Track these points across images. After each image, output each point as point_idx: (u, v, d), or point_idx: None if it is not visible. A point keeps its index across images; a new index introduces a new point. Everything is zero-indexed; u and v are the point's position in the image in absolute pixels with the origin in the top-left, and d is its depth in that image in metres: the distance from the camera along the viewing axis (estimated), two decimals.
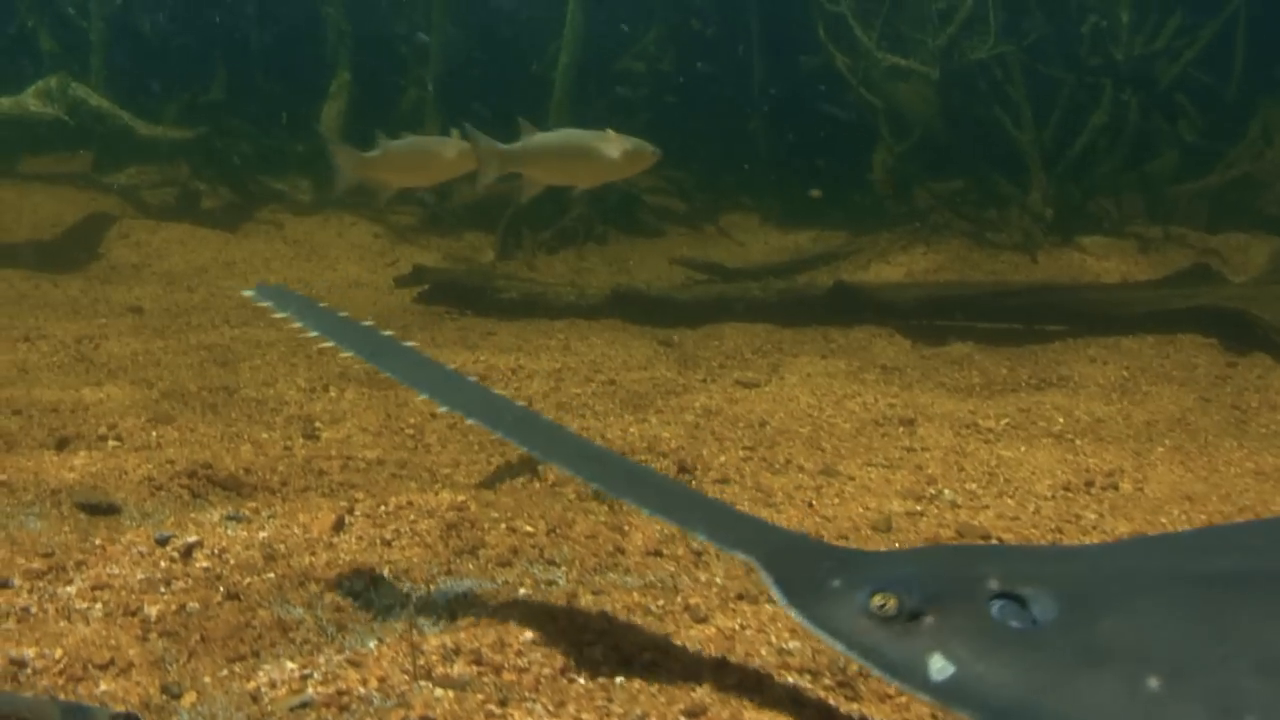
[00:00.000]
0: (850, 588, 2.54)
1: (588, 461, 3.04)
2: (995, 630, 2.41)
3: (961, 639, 2.41)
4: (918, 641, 2.44)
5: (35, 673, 2.99)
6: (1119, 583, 2.47)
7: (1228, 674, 2.22)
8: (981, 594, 2.47)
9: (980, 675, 2.35)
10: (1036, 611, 2.42)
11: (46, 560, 3.65)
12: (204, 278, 10.86)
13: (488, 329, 9.15)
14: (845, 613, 2.51)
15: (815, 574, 2.61)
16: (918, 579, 2.53)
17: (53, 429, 5.73)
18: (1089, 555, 2.71)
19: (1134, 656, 2.29)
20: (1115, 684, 2.26)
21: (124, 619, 3.27)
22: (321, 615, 3.37)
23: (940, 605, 2.47)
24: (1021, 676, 2.33)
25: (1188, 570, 2.51)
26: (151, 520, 4.36)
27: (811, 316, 9.18)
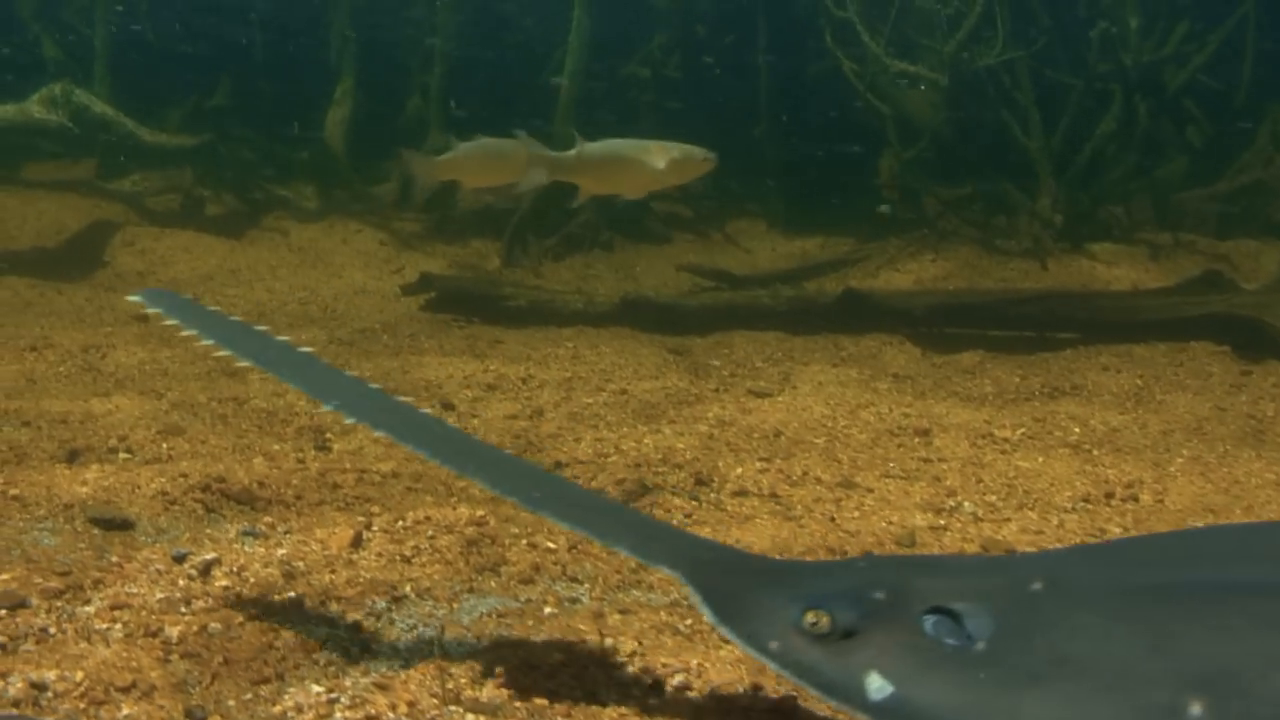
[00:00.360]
0: (781, 604, 2.50)
1: (505, 474, 2.93)
2: (932, 648, 2.39)
3: (898, 657, 2.39)
4: (853, 660, 2.41)
5: (56, 696, 2.93)
6: (1056, 598, 2.44)
7: (1171, 689, 2.20)
8: (915, 610, 2.45)
9: (920, 695, 2.33)
10: (972, 628, 2.40)
11: (63, 579, 3.59)
12: (209, 285, 10.81)
13: (495, 337, 9.10)
14: (777, 630, 2.48)
15: (744, 589, 2.56)
16: (850, 595, 2.50)
17: (63, 441, 5.67)
18: (1022, 568, 2.66)
19: (1075, 674, 2.28)
20: (1058, 703, 2.25)
21: (144, 640, 3.22)
22: (345, 636, 3.32)
23: (874, 622, 2.44)
24: (963, 696, 2.31)
25: (1125, 583, 2.47)
26: (167, 536, 4.31)
27: (821, 324, 9.15)
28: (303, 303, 10.46)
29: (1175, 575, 2.48)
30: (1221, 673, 2.20)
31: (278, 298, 10.57)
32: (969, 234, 11.31)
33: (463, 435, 3.18)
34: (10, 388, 6.87)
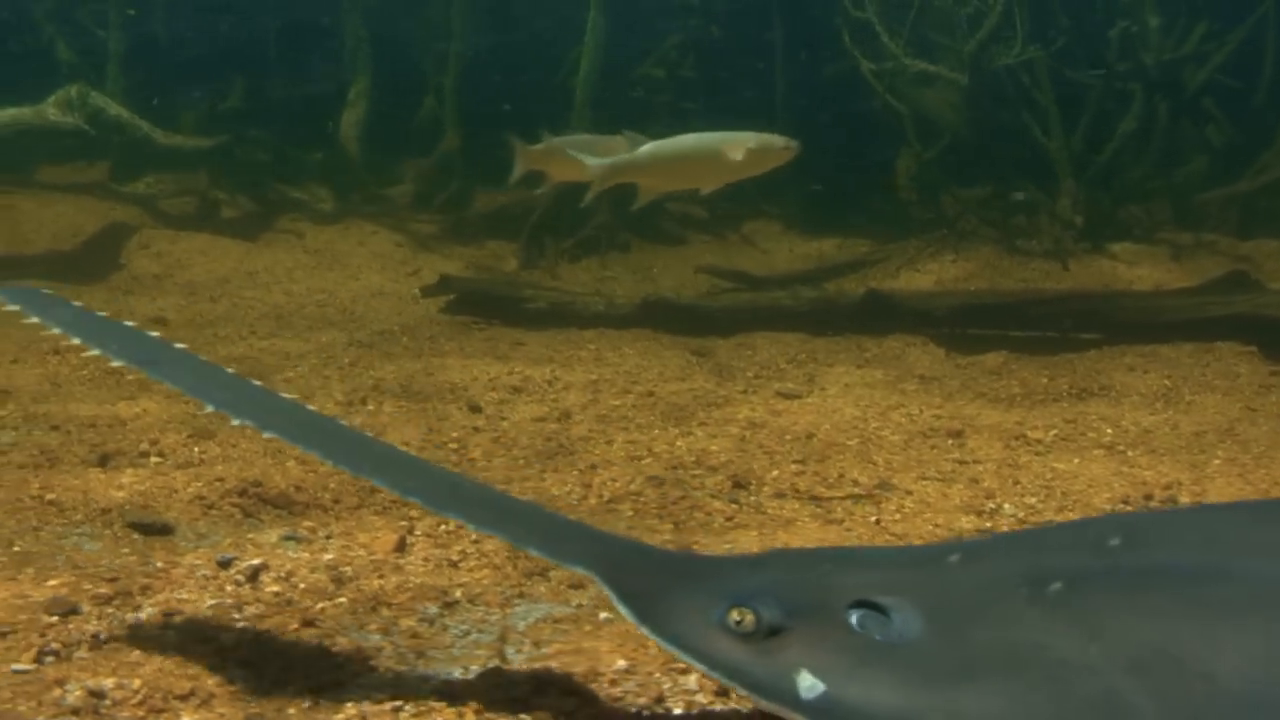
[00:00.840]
0: (703, 602, 2.46)
1: (405, 473, 2.87)
2: (862, 644, 2.36)
3: (828, 655, 2.35)
4: (782, 659, 2.36)
5: (115, 704, 2.90)
6: (984, 590, 2.43)
7: (1105, 678, 2.19)
8: (840, 605, 2.41)
9: (854, 693, 2.30)
10: (899, 622, 2.37)
11: (112, 585, 3.56)
12: (226, 288, 10.78)
13: (516, 339, 9.07)
14: (701, 629, 2.43)
15: (664, 587, 2.51)
16: (772, 591, 2.45)
17: (93, 445, 5.65)
18: (946, 559, 2.61)
19: (1011, 666, 2.26)
20: (997, 695, 2.23)
21: (199, 646, 3.18)
22: (400, 642, 3.28)
23: (800, 619, 2.40)
24: (898, 693, 2.28)
25: (1052, 570, 2.43)
26: (208, 541, 4.28)
27: (844, 325, 9.11)
28: (321, 305, 10.43)
29: (1100, 562, 2.44)
30: (1159, 656, 2.20)
31: (295, 300, 10.54)
32: (988, 234, 11.27)
33: (359, 434, 3.10)
34: (35, 391, 6.84)
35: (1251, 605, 2.26)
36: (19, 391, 6.78)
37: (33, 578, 3.67)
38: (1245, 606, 2.26)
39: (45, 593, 3.52)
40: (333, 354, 8.37)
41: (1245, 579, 2.31)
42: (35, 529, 4.44)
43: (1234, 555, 2.40)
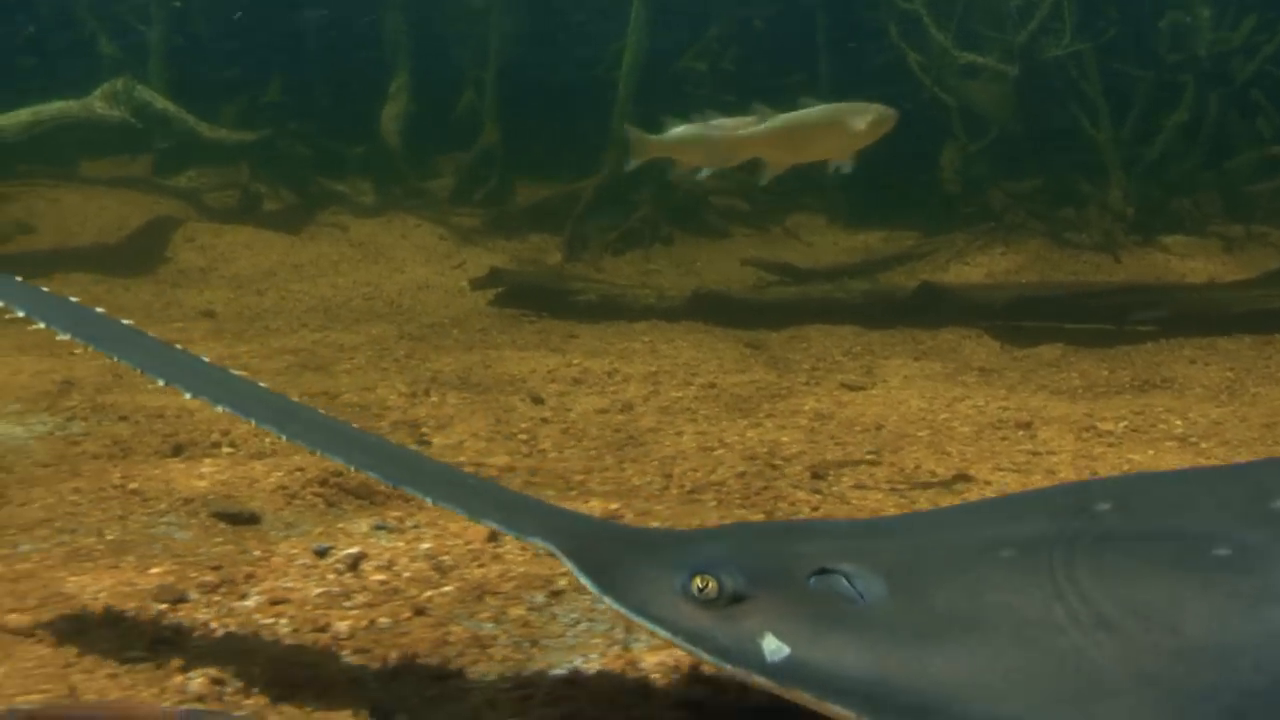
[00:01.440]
0: (665, 572, 2.46)
1: (360, 450, 2.90)
2: (825, 609, 2.36)
3: (792, 619, 2.35)
4: (746, 624, 2.36)
5: (236, 692, 2.88)
6: (944, 555, 2.44)
7: (1070, 635, 2.21)
8: (802, 572, 2.41)
9: (819, 655, 2.29)
10: (860, 588, 2.38)
11: (216, 573, 3.55)
12: (272, 281, 10.78)
13: (568, 332, 9.05)
14: (664, 598, 2.43)
15: (624, 559, 2.51)
16: (734, 560, 2.45)
17: (165, 436, 5.63)
18: (904, 528, 2.67)
19: (974, 624, 2.27)
20: (962, 654, 2.24)
21: (313, 635, 3.16)
22: (512, 631, 3.25)
23: (762, 586, 2.40)
24: (864, 655, 2.28)
25: (1012, 536, 2.45)
26: (297, 530, 4.25)
27: (896, 318, 9.07)
28: (367, 298, 10.43)
29: (1060, 527, 2.45)
30: (1126, 613, 2.22)
31: (342, 293, 10.53)
32: (1037, 227, 11.20)
33: (311, 409, 3.11)
34: (99, 383, 6.83)
35: (1218, 565, 2.28)
36: (82, 383, 6.77)
37: (135, 565, 3.65)
38: (1212, 566, 2.28)
39: (150, 580, 3.50)
40: (386, 346, 8.36)
41: (1209, 539, 2.33)
42: (121, 518, 4.43)
43: (1199, 517, 2.43)
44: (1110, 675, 2.16)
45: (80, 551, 3.92)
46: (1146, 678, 2.15)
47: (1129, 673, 2.16)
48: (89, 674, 2.98)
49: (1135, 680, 2.15)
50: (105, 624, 3.25)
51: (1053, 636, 2.23)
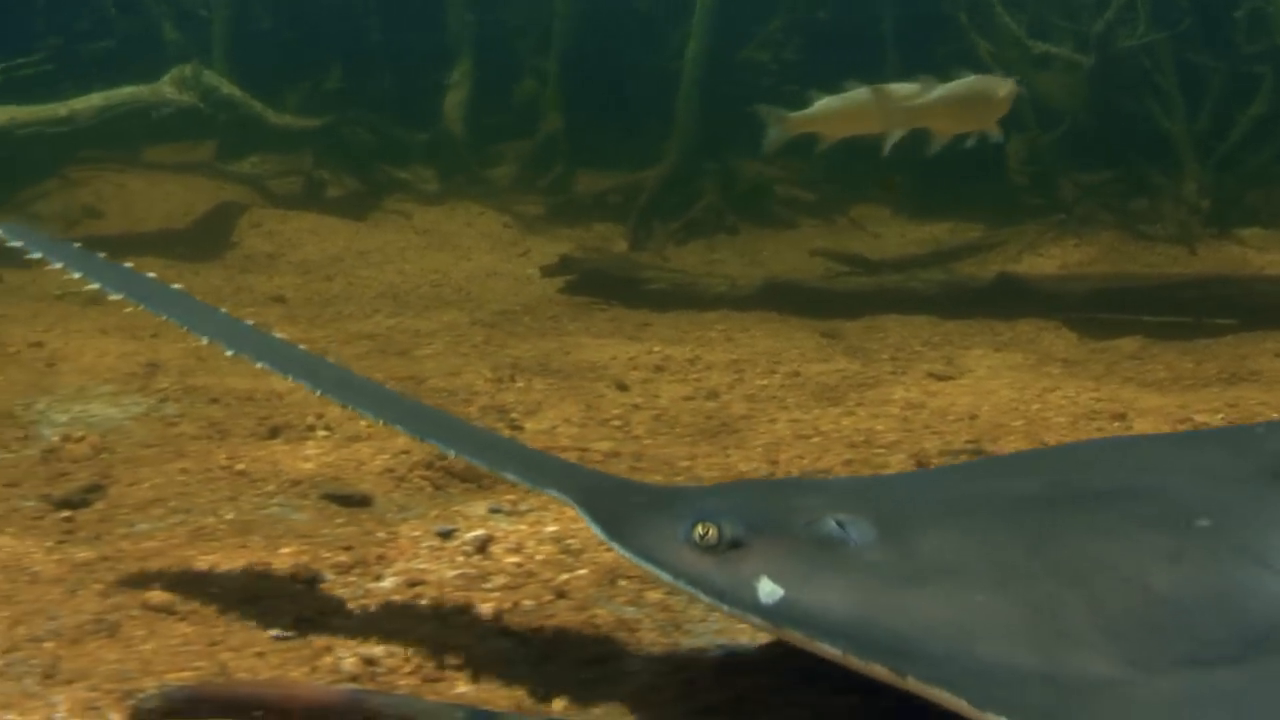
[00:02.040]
0: (669, 520, 2.59)
1: (390, 407, 3.09)
2: (819, 555, 2.49)
3: (787, 563, 2.48)
4: (743, 568, 2.49)
5: (389, 672, 2.86)
6: (935, 506, 2.60)
7: (1045, 585, 2.35)
8: (800, 521, 2.55)
9: (811, 597, 2.42)
10: (854, 535, 2.50)
11: (349, 554, 3.53)
12: (340, 267, 10.77)
13: (641, 320, 9.00)
14: (667, 544, 2.56)
15: (632, 509, 2.65)
16: (735, 510, 2.59)
17: (260, 418, 5.63)
18: (900, 483, 2.88)
19: (956, 573, 2.41)
20: (941, 599, 2.37)
21: (456, 617, 3.13)
22: (654, 614, 3.22)
23: (760, 533, 2.53)
24: (852, 597, 2.40)
25: (1000, 493, 2.63)
26: (412, 513, 4.23)
27: (972, 309, 8.97)
28: (435, 285, 10.40)
29: (1045, 486, 2.63)
30: (1097, 567, 2.36)
31: (410, 280, 10.51)
32: (1109, 219, 11.08)
33: (343, 369, 3.33)
34: (183, 365, 6.83)
35: (1190, 524, 2.42)
36: (167, 365, 6.77)
37: (263, 546, 3.64)
38: (1184, 525, 2.42)
39: (283, 560, 3.48)
40: (462, 332, 8.34)
41: (1185, 500, 2.49)
42: (231, 498, 4.42)
43: (1182, 479, 2.59)
44: (1078, 625, 2.28)
45: (203, 531, 3.91)
46: (1113, 629, 2.27)
47: (1096, 624, 2.28)
48: (236, 652, 2.96)
49: (1102, 631, 2.27)
50: (245, 602, 3.23)
51: (1028, 586, 2.36)
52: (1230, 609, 2.27)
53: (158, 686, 2.72)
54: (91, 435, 5.20)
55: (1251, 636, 2.24)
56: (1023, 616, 2.32)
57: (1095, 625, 2.28)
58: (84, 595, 3.29)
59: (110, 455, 5.01)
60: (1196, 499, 2.48)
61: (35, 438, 5.27)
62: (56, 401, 5.80)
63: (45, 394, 5.91)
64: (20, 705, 2.65)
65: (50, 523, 4.20)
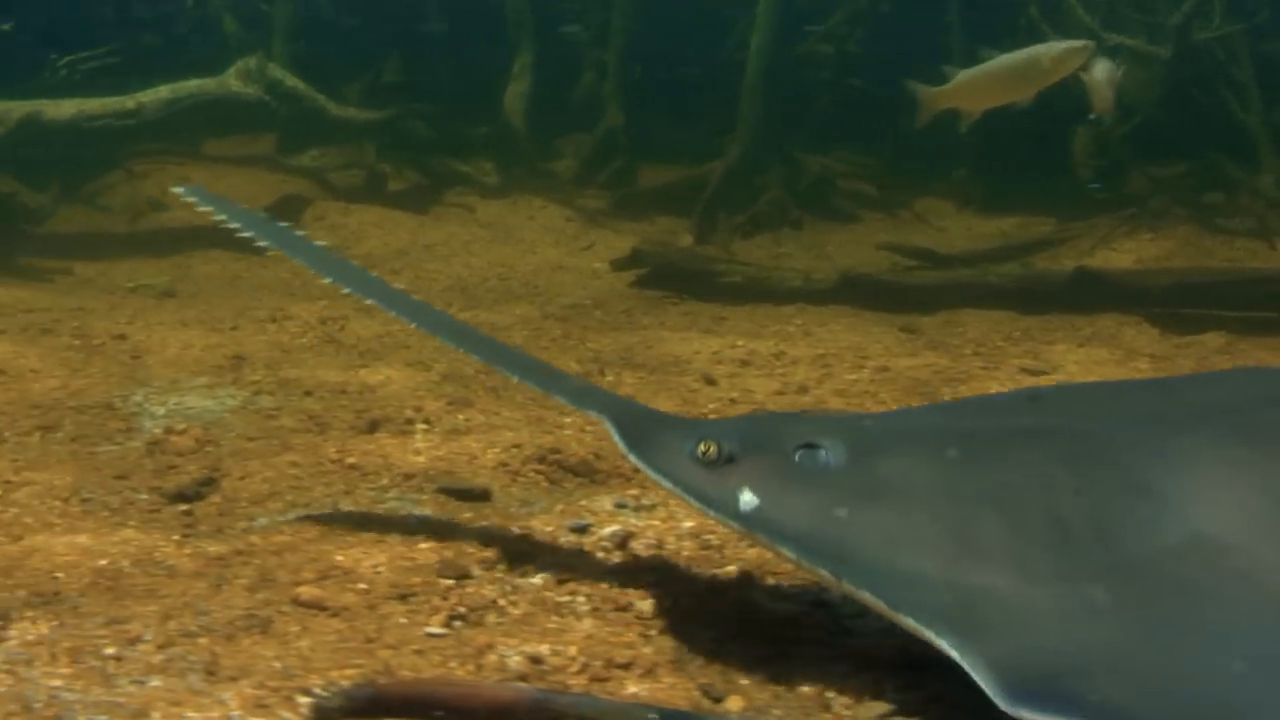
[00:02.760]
0: (680, 439, 2.95)
1: (476, 343, 3.58)
2: (794, 471, 2.84)
3: (766, 478, 2.83)
4: (731, 479, 2.86)
5: (555, 670, 2.79)
6: (897, 437, 2.92)
7: (966, 508, 2.68)
8: (788, 444, 2.88)
9: (778, 506, 2.78)
10: (829, 458, 2.84)
11: (491, 550, 3.46)
12: (406, 260, 10.72)
13: (716, 314, 8.91)
14: (674, 458, 2.93)
15: (653, 431, 3.03)
16: (736, 434, 2.95)
17: (358, 411, 5.56)
18: (884, 418, 3.29)
19: (898, 494, 2.74)
20: (885, 512, 2.71)
21: (615, 614, 3.07)
22: (813, 613, 3.15)
23: (753, 453, 2.88)
24: (811, 507, 2.76)
25: (953, 428, 2.96)
26: (536, 507, 4.16)
27: (1050, 303, 8.84)
28: (502, 278, 10.33)
29: (992, 423, 2.99)
30: (1010, 493, 2.68)
31: (476, 273, 10.45)
32: (1181, 213, 10.93)
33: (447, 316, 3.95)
34: (268, 358, 6.80)
35: (1104, 458, 2.71)
36: (253, 358, 6.74)
37: (401, 541, 3.57)
38: (1086, 456, 2.72)
39: (426, 556, 3.42)
40: (538, 326, 8.27)
41: (1110, 438, 2.77)
42: (346, 492, 4.36)
43: (1098, 419, 2.90)
44: (985, 543, 2.61)
45: (332, 525, 3.84)
46: (1011, 547, 2.59)
47: (999, 543, 2.61)
48: (394, 650, 2.90)
49: (1002, 549, 2.59)
50: (394, 598, 3.18)
51: (952, 507, 2.69)
52: (1108, 535, 2.56)
53: (327, 684, 2.66)
54: (194, 428, 5.15)
55: (1121, 560, 2.52)
56: (941, 533, 2.64)
57: (998, 544, 2.60)
58: (230, 590, 3.23)
59: (216, 448, 4.96)
60: (1113, 438, 2.76)
61: (138, 430, 5.23)
62: (153, 394, 5.76)
63: (141, 386, 5.88)
64: (192, 703, 2.60)
65: (169, 515, 4.16)
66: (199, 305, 8.42)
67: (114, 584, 3.37)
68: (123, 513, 4.19)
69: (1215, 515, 2.54)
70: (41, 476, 4.49)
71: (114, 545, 3.68)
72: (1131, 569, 2.50)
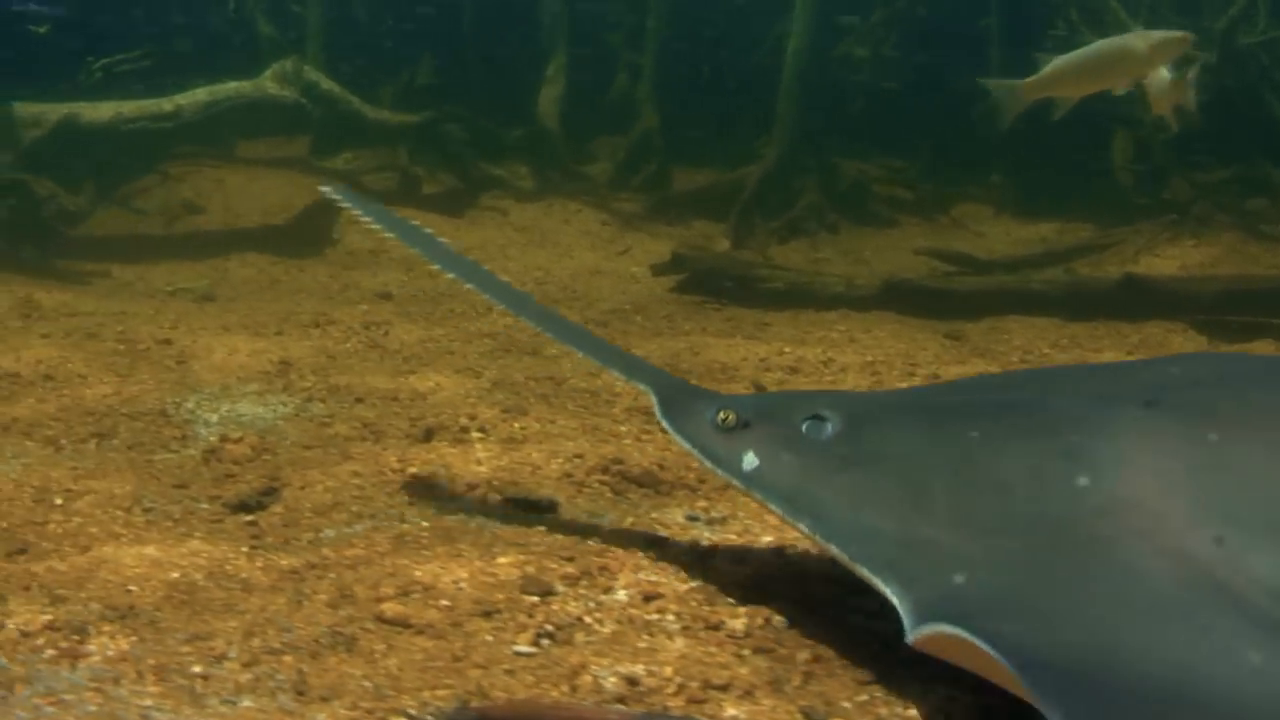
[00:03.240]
0: (705, 408, 3.32)
1: (544, 319, 3.91)
2: (796, 439, 3.16)
3: (770, 443, 3.18)
4: (740, 443, 3.21)
5: (651, 692, 2.73)
6: (884, 410, 3.25)
7: (925, 473, 2.95)
8: (797, 415, 3.21)
9: (774, 468, 3.14)
10: (829, 429, 3.15)
11: (572, 564, 3.40)
12: None
13: (758, 319, 8.84)
14: (698, 425, 3.30)
15: (688, 402, 3.41)
16: (755, 405, 3.35)
17: (412, 419, 5.50)
18: (886, 395, 3.76)
19: (874, 460, 3.05)
20: (856, 476, 3.03)
21: (707, 633, 3.01)
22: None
23: (764, 420, 3.24)
24: (800, 471, 3.10)
25: (931, 402, 3.32)
26: (604, 519, 4.10)
27: (1096, 310, 8.77)
28: (540, 283, 10.28)
29: (967, 398, 3.31)
30: (964, 460, 2.95)
31: (514, 278, 10.29)
32: (1225, 219, 10.83)
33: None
34: (315, 364, 6.75)
35: (1041, 430, 2.97)
36: (300, 364, 6.69)
37: (478, 555, 3.51)
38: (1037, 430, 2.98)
39: (507, 571, 3.35)
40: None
41: (1054, 413, 3.01)
42: (410, 503, 4.30)
43: (1057, 396, 3.13)
44: (934, 503, 2.88)
45: (404, 538, 3.78)
46: (954, 507, 2.87)
47: (946, 503, 2.87)
48: (484, 670, 2.85)
49: (946, 509, 2.87)
50: (479, 615, 3.12)
51: (915, 471, 2.97)
52: (1037, 496, 2.82)
53: (421, 706, 2.61)
54: (249, 436, 5.10)
55: (1042, 517, 2.78)
56: (900, 495, 2.93)
57: (945, 504, 2.87)
58: (311, 606, 3.17)
59: (273, 457, 4.91)
60: (1066, 414, 2.97)
61: (193, 438, 5.18)
62: (205, 400, 5.71)
63: (192, 392, 5.83)
64: None
65: (233, 526, 4.11)
66: (240, 310, 8.38)
67: (189, 598, 3.31)
68: (186, 523, 4.14)
69: (1130, 479, 2.76)
70: (101, 485, 4.44)
71: (184, 557, 3.62)
72: (1049, 525, 2.75)
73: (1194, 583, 2.56)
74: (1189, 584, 2.56)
